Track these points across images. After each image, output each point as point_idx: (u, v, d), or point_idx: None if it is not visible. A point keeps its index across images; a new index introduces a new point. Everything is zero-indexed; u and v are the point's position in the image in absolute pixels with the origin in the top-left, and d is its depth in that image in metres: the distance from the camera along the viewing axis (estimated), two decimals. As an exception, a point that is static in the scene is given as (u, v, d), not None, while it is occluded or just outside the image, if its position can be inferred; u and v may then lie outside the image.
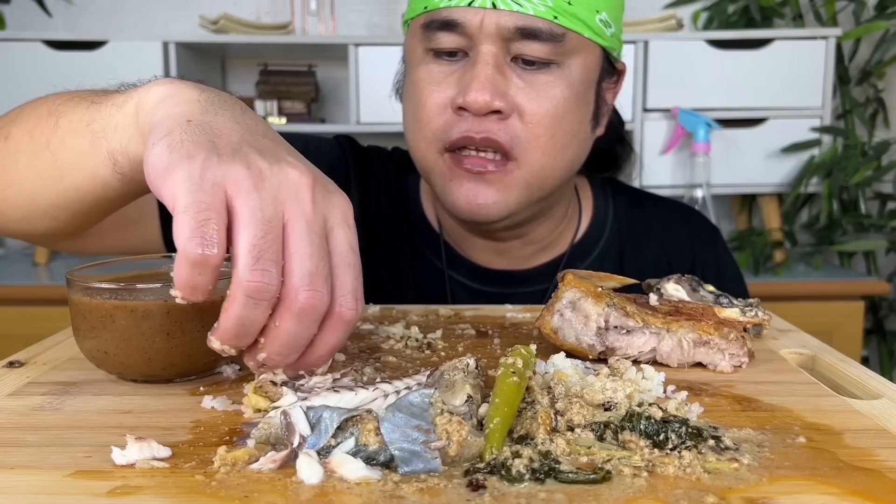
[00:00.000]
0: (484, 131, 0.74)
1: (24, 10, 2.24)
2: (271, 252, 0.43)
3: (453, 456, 0.39)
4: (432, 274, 0.90)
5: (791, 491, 0.37)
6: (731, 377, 0.56)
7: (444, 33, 0.75)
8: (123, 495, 0.36)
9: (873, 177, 2.02)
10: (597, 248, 0.93)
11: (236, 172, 0.44)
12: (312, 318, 0.45)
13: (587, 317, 0.58)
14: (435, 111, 0.77)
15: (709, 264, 0.95)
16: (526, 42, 0.73)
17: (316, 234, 0.45)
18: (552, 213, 0.88)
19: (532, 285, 0.89)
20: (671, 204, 1.03)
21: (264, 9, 2.32)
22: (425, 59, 0.78)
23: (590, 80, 0.79)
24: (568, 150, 0.78)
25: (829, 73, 1.96)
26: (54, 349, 0.63)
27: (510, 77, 0.75)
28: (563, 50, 0.75)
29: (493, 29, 0.73)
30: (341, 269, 0.47)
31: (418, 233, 0.91)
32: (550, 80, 0.75)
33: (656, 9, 2.25)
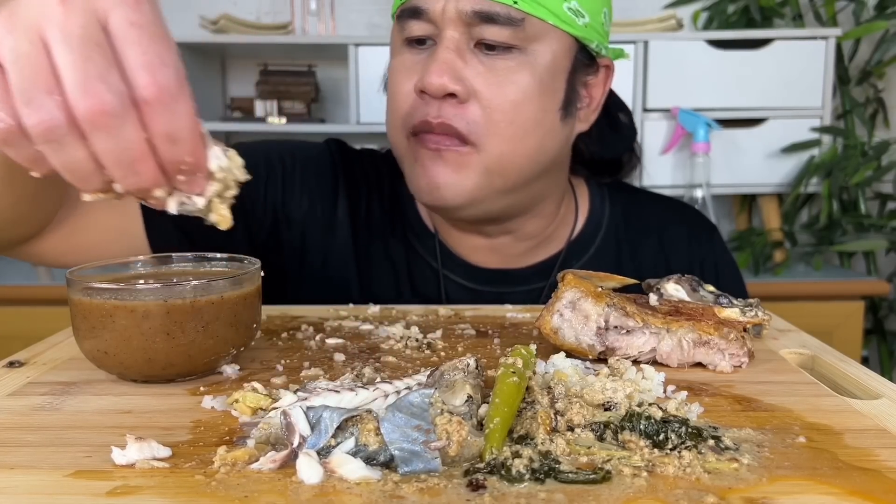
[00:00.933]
0: (441, 116, 0.75)
1: (24, 10, 2.23)
2: (39, 84, 0.41)
3: (453, 456, 0.39)
4: (427, 274, 0.90)
5: (791, 491, 0.37)
6: (731, 377, 0.56)
7: (414, 21, 0.77)
8: (123, 495, 0.37)
9: (873, 177, 2.02)
10: (593, 247, 0.92)
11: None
12: (111, 122, 0.41)
13: (587, 317, 0.59)
14: (402, 97, 0.78)
15: (706, 263, 0.95)
16: (486, 26, 0.74)
17: (75, 36, 0.41)
18: (540, 209, 0.87)
19: (528, 284, 0.89)
20: (669, 202, 1.02)
21: (264, 9, 2.32)
22: (401, 49, 0.80)
23: (557, 69, 0.78)
24: (530, 137, 0.78)
25: (829, 73, 1.96)
26: (54, 349, 0.63)
27: (470, 62, 0.75)
28: (524, 35, 0.75)
29: (454, 13, 0.74)
30: (123, 50, 0.42)
31: (413, 233, 0.91)
32: (511, 65, 0.76)
33: (656, 9, 2.25)
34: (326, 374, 0.56)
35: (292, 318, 0.74)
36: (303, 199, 0.90)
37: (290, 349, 0.64)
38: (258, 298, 0.59)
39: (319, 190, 0.91)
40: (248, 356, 0.61)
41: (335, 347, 0.64)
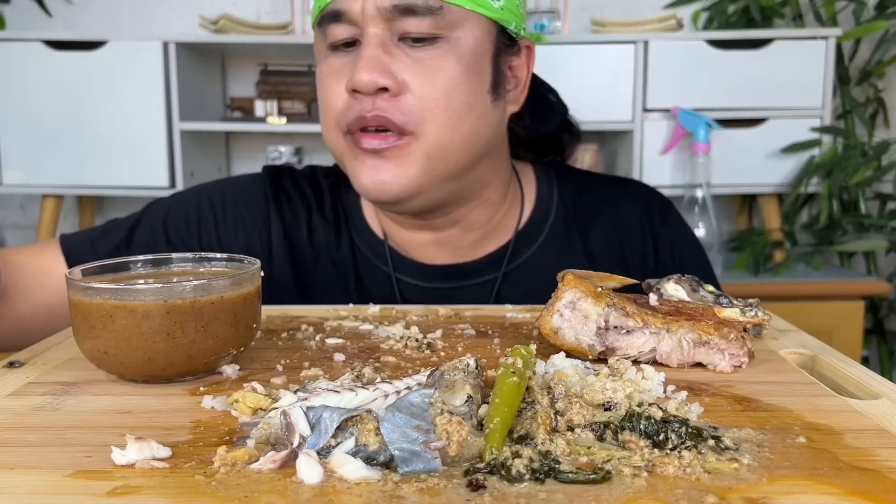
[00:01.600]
0: (375, 110, 0.76)
1: (24, 10, 2.24)
2: None
3: (453, 456, 0.39)
4: (379, 278, 0.90)
5: (791, 491, 0.37)
6: (731, 377, 0.56)
7: (335, 25, 0.78)
8: (123, 495, 0.37)
9: (873, 177, 2.02)
10: (542, 234, 0.92)
11: None
12: None
13: (587, 317, 0.59)
14: (334, 99, 0.79)
15: (661, 241, 0.94)
16: (406, 19, 0.75)
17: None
18: (484, 196, 0.87)
19: (480, 276, 0.90)
20: (621, 181, 1.02)
21: (264, 9, 2.33)
22: (326, 55, 0.81)
23: (481, 52, 0.80)
24: (465, 121, 0.78)
25: (829, 73, 1.96)
26: (54, 349, 0.63)
27: (397, 56, 0.76)
28: (444, 23, 0.76)
29: (374, 11, 0.75)
30: None
31: (361, 240, 0.92)
32: (437, 54, 0.77)
33: (656, 9, 2.25)
34: (326, 374, 0.56)
35: (292, 318, 0.74)
36: (238, 234, 0.91)
37: (290, 349, 0.64)
38: (258, 298, 0.59)
39: (252, 221, 0.92)
40: (248, 356, 0.61)
41: (335, 347, 0.64)
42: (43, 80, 1.98)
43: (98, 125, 2.00)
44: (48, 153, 2.01)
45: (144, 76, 1.98)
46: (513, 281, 0.90)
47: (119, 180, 2.03)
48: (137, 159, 2.02)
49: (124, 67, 1.98)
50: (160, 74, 1.98)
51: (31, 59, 1.98)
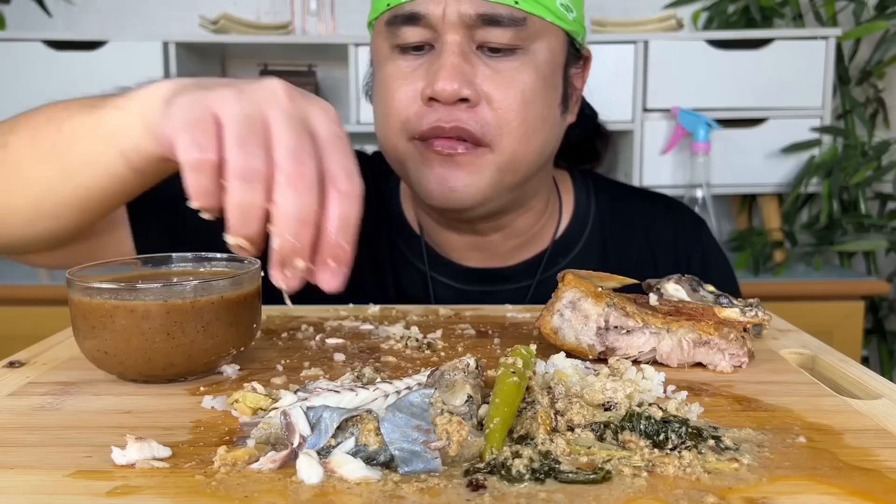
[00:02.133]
0: (454, 120, 0.75)
1: (24, 10, 2.24)
2: (254, 139, 0.47)
3: (453, 456, 0.39)
4: (414, 276, 0.90)
5: (791, 491, 0.37)
6: (731, 377, 0.56)
7: (409, 27, 0.76)
8: (123, 495, 0.37)
9: (873, 177, 2.02)
10: (579, 244, 0.92)
11: (220, 93, 0.49)
12: (304, 185, 0.47)
13: (587, 317, 0.58)
14: (404, 103, 0.77)
15: (694, 257, 0.94)
16: (489, 29, 0.74)
17: (295, 120, 0.48)
18: (531, 204, 0.87)
19: (515, 282, 0.89)
20: (654, 196, 1.02)
21: (264, 9, 2.32)
22: (392, 55, 0.79)
23: (556, 65, 0.79)
24: (539, 134, 0.78)
25: (829, 73, 1.96)
26: (54, 349, 0.63)
27: (476, 65, 0.75)
28: (526, 35, 0.75)
29: (456, 18, 0.73)
30: (327, 151, 0.49)
31: (399, 236, 0.91)
32: (516, 65, 0.76)
33: (656, 9, 2.25)
34: (326, 374, 0.56)
35: (292, 318, 0.74)
36: None
37: (290, 349, 0.64)
38: (258, 298, 0.59)
39: None
40: (248, 356, 0.61)
41: (335, 347, 0.64)
42: (43, 80, 1.98)
43: (98, 125, 2.00)
44: (48, 153, 2.01)
45: (144, 76, 1.98)
46: (546, 289, 0.90)
47: (119, 180, 2.02)
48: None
49: (124, 67, 1.98)
50: (160, 74, 1.98)
51: (31, 59, 1.97)
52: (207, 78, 0.56)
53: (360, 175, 0.91)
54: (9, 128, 0.67)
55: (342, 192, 0.48)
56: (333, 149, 0.49)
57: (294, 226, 0.47)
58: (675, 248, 0.94)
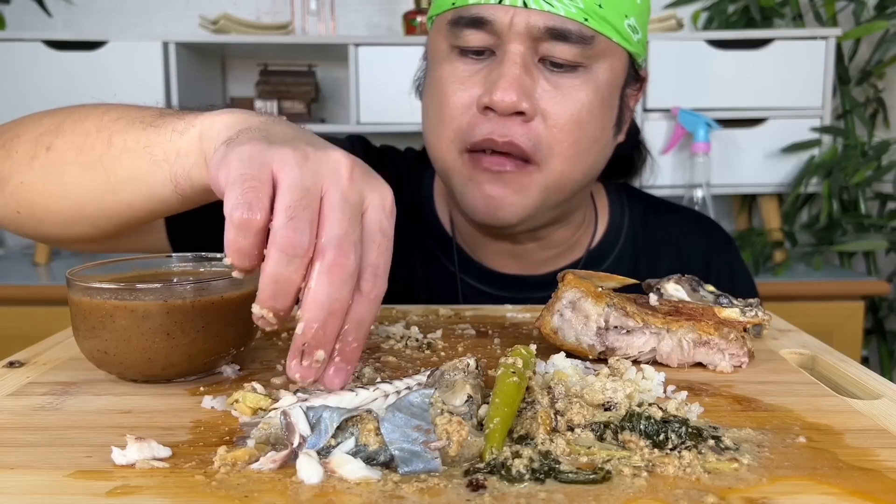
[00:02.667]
0: (507, 135, 0.73)
1: (24, 10, 2.24)
2: (306, 214, 0.45)
3: (453, 456, 0.39)
4: (444, 277, 0.89)
5: (791, 491, 0.37)
6: (731, 377, 0.56)
7: (472, 31, 0.74)
8: (123, 495, 0.36)
9: (873, 177, 2.02)
10: (612, 255, 0.92)
11: (283, 153, 0.47)
12: (341, 277, 0.45)
13: (587, 317, 0.58)
14: (459, 110, 0.76)
15: (723, 275, 0.95)
16: (555, 43, 0.73)
17: (349, 205, 0.47)
18: (571, 217, 0.87)
19: (546, 290, 0.89)
20: (687, 212, 1.02)
21: (264, 9, 2.32)
22: (450, 56, 0.77)
23: (615, 86, 0.78)
24: (589, 155, 0.77)
25: (829, 73, 1.96)
26: (54, 349, 0.63)
27: (537, 78, 0.74)
28: (591, 53, 0.74)
29: (523, 28, 0.72)
30: (367, 245, 0.48)
31: (431, 235, 0.90)
32: (577, 83, 0.74)
33: (656, 9, 2.25)
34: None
35: (292, 318, 0.74)
36: None
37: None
38: (258, 298, 0.59)
39: None
40: (248, 356, 0.61)
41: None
42: (43, 80, 1.98)
43: (98, 125, 2.00)
44: (48, 153, 2.01)
45: (144, 76, 1.98)
46: None
47: (119, 180, 2.02)
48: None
49: (124, 67, 1.98)
50: (160, 74, 1.98)
51: (31, 59, 1.97)
52: (275, 121, 0.55)
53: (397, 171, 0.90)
54: (55, 127, 0.66)
55: (364, 294, 0.47)
56: (374, 245, 0.48)
57: (324, 315, 0.45)
58: (706, 265, 0.95)
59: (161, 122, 0.59)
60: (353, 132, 2.01)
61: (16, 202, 0.67)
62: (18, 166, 0.66)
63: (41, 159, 0.65)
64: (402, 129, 1.94)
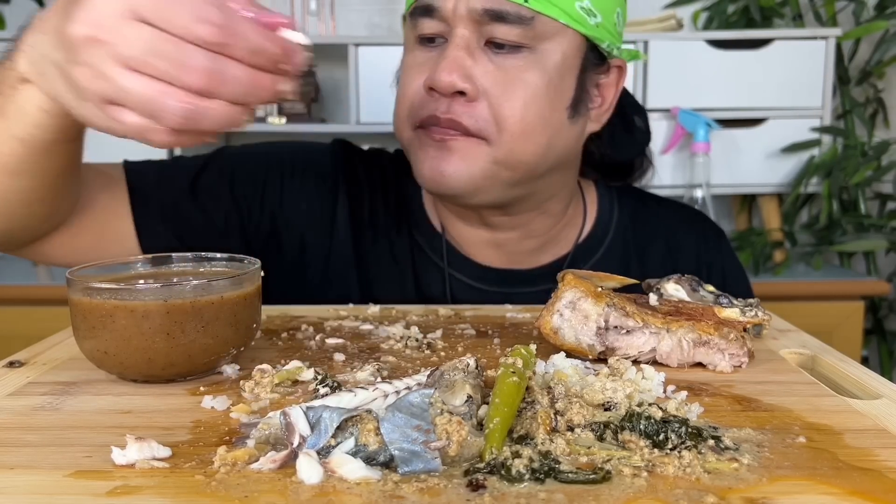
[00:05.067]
0: (449, 112, 0.76)
1: (24, 10, 2.24)
2: (174, 52, 0.50)
3: (453, 456, 0.39)
4: (433, 273, 0.90)
5: (791, 491, 0.37)
6: (731, 377, 0.56)
7: (425, 19, 0.78)
8: (123, 495, 0.37)
9: (873, 177, 2.02)
10: (601, 249, 0.92)
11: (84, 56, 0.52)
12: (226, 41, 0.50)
13: (587, 317, 0.59)
14: (412, 92, 0.79)
15: (714, 268, 0.95)
16: (495, 25, 0.74)
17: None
18: (547, 206, 0.87)
19: (535, 285, 0.89)
20: (677, 206, 1.02)
21: (264, 9, 2.32)
22: (413, 46, 0.81)
23: (567, 68, 0.79)
24: (538, 135, 0.78)
25: (828, 73, 1.96)
26: (54, 349, 0.63)
27: (480, 60, 0.76)
28: (534, 34, 0.75)
29: (464, 11, 0.74)
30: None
31: (420, 233, 0.91)
32: (521, 64, 0.76)
33: (656, 9, 2.25)
34: (326, 374, 0.56)
35: (292, 318, 0.74)
36: (301, 201, 0.90)
37: (290, 349, 0.64)
38: (258, 298, 0.59)
39: (318, 192, 0.91)
40: (248, 356, 0.61)
41: (335, 347, 0.64)
42: (43, 80, 1.98)
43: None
44: (48, 153, 2.01)
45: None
46: None
47: (119, 180, 2.02)
48: (137, 159, 2.01)
49: (124, 67, 1.98)
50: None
51: (31, 59, 1.97)
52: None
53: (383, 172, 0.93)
54: None
55: (206, 41, 0.50)
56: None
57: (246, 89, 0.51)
58: (697, 258, 0.95)
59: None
60: (353, 132, 2.02)
61: None
62: None
63: None
64: (402, 130, 1.93)
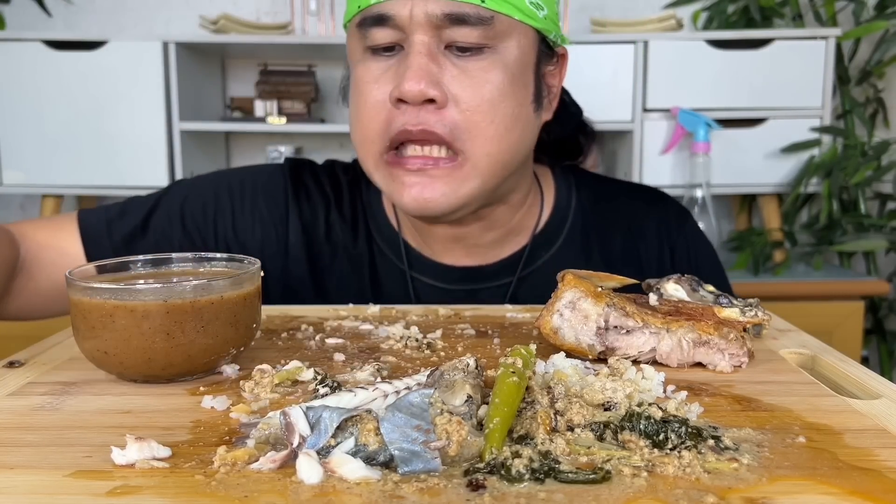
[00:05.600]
0: (421, 123, 0.74)
1: (24, 10, 2.24)
2: None
3: (453, 456, 0.39)
4: (394, 274, 0.89)
5: (791, 491, 0.37)
6: (731, 377, 0.56)
7: (378, 28, 0.76)
8: (123, 495, 0.37)
9: (873, 177, 2.02)
10: (560, 238, 0.91)
11: None
12: None
13: (587, 317, 0.59)
14: (374, 109, 0.77)
15: (678, 250, 0.94)
16: (455, 28, 0.74)
17: None
18: (509, 198, 0.87)
19: (496, 280, 0.89)
20: (638, 189, 1.01)
21: (264, 9, 2.33)
22: (364, 57, 0.78)
23: (526, 63, 0.79)
24: (511, 133, 0.78)
25: (828, 73, 1.96)
26: (54, 349, 0.63)
27: (444, 65, 0.75)
28: (493, 33, 0.75)
29: (423, 17, 0.73)
30: None
31: (381, 237, 0.91)
32: (484, 65, 0.75)
33: (656, 9, 2.25)
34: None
35: (292, 318, 0.74)
36: (255, 226, 0.90)
37: (290, 349, 0.64)
38: (258, 298, 0.59)
39: (270, 215, 0.91)
40: (248, 356, 0.61)
41: (335, 347, 0.64)
42: (43, 80, 1.98)
43: (98, 125, 2.00)
44: (48, 153, 2.01)
45: (144, 76, 1.98)
46: (528, 285, 0.89)
47: (119, 180, 2.03)
48: (137, 159, 2.02)
49: (124, 67, 1.98)
50: (160, 74, 1.98)
51: (31, 59, 1.98)
52: None
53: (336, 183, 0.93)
54: None
55: None
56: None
57: None
58: (659, 240, 0.94)
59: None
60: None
61: None
62: None
63: None
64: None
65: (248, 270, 0.58)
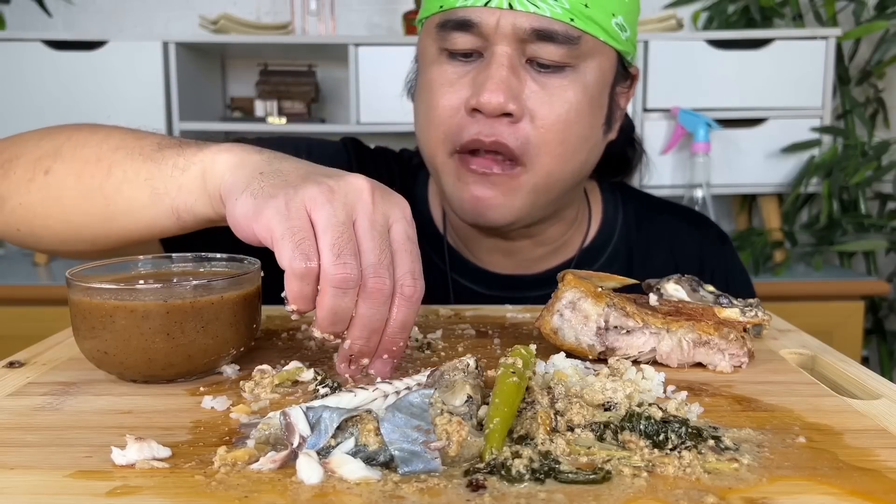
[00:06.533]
0: (494, 134, 0.74)
1: (24, 10, 2.24)
2: (348, 248, 0.50)
3: (453, 456, 0.39)
4: (435, 277, 0.89)
5: (791, 491, 0.37)
6: (731, 377, 0.56)
7: (459, 33, 0.74)
8: (123, 495, 0.37)
9: (873, 177, 2.02)
10: (605, 253, 0.92)
11: (311, 193, 0.51)
12: (380, 299, 0.51)
13: (587, 317, 0.58)
14: (447, 112, 0.76)
15: (717, 272, 0.94)
16: (541, 44, 0.73)
17: (377, 231, 0.52)
18: (563, 214, 0.87)
19: (538, 290, 0.89)
20: (681, 210, 1.02)
21: (264, 9, 2.32)
22: (439, 59, 0.77)
23: (604, 84, 0.78)
24: (578, 154, 0.77)
25: (829, 73, 1.96)
26: (54, 349, 0.63)
27: (524, 79, 0.74)
28: (578, 53, 0.74)
29: (509, 30, 0.72)
30: (400, 255, 0.53)
31: (424, 235, 0.90)
32: (564, 83, 0.74)
33: (656, 9, 2.25)
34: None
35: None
36: None
37: (290, 349, 0.64)
38: (258, 298, 0.59)
39: None
40: (248, 356, 0.61)
41: (335, 347, 0.64)
42: (43, 80, 1.98)
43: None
44: (48, 153, 2.01)
45: (144, 76, 1.98)
46: None
47: (119, 180, 2.02)
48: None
49: (124, 67, 1.98)
50: (160, 74, 1.98)
51: (31, 59, 1.98)
52: (278, 158, 0.57)
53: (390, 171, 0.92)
54: (53, 151, 0.67)
55: (405, 297, 0.52)
56: (405, 254, 0.53)
57: (367, 333, 0.52)
58: (700, 263, 0.94)
59: (160, 155, 0.62)
60: (353, 132, 2.01)
61: (15, 221, 0.69)
62: (17, 187, 0.67)
63: (39, 182, 0.66)
64: (401, 129, 1.94)
65: (249, 270, 0.58)
